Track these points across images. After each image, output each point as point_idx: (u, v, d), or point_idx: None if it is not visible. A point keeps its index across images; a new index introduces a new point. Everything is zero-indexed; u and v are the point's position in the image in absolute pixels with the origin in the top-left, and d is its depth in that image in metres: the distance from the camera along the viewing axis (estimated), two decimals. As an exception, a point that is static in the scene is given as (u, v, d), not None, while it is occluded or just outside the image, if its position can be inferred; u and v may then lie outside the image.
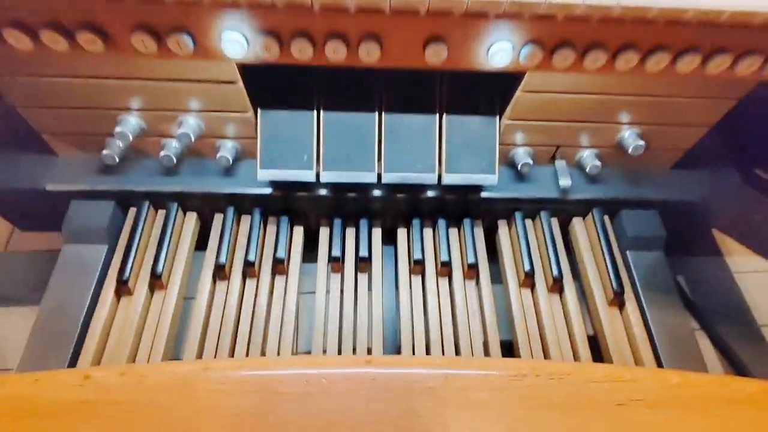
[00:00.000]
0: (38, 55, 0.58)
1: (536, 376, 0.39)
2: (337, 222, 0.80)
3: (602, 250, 0.78)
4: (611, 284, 0.75)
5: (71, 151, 0.75)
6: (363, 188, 0.76)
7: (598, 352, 0.75)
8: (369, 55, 0.54)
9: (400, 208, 0.81)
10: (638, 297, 0.76)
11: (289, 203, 0.79)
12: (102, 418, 0.35)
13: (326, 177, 0.69)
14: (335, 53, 0.54)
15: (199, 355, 0.69)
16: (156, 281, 0.72)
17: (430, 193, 0.77)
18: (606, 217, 0.82)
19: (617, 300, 0.75)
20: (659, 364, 0.70)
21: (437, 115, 0.69)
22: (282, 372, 0.39)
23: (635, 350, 0.72)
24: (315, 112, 0.68)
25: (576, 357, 0.72)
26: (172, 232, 0.76)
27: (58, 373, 0.37)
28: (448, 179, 0.70)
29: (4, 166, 0.71)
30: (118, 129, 0.67)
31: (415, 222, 0.80)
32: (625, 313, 0.75)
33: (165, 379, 0.37)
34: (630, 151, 0.71)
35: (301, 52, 0.54)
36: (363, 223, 0.80)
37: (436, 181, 0.70)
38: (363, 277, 0.77)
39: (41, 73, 0.61)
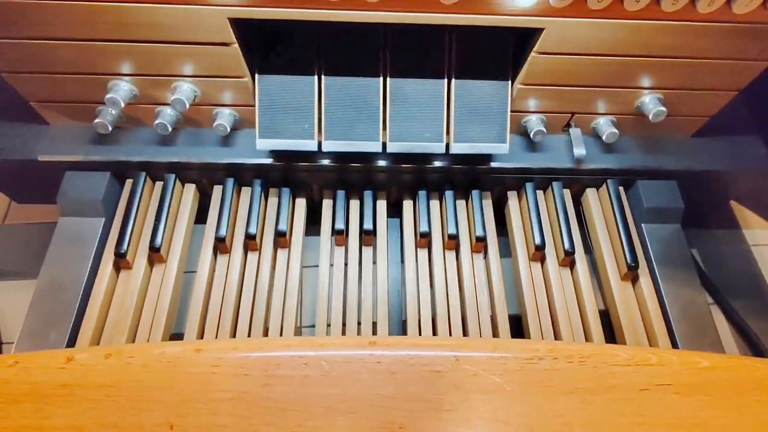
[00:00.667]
0: (19, 13, 0.54)
1: (553, 359, 0.37)
2: (341, 193, 0.78)
3: (616, 222, 0.75)
4: (625, 258, 0.72)
5: (62, 120, 0.72)
6: (367, 158, 0.73)
7: (610, 327, 0.73)
8: None
9: (405, 179, 0.78)
10: (653, 272, 0.73)
11: (290, 174, 0.76)
12: (86, 402, 0.33)
13: (328, 146, 0.66)
14: None
15: (201, 331, 0.68)
16: (155, 254, 0.70)
17: (437, 163, 0.74)
18: (621, 189, 0.79)
19: (631, 274, 0.73)
20: (673, 341, 0.68)
21: (445, 79, 0.66)
22: (279, 354, 0.36)
23: (648, 326, 0.70)
24: (316, 77, 0.65)
25: (587, 333, 0.70)
26: (170, 205, 0.73)
27: (39, 355, 0.35)
28: (457, 148, 0.67)
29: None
30: (108, 95, 0.64)
31: (422, 193, 0.78)
32: (639, 288, 0.73)
33: (153, 361, 0.35)
34: (651, 117, 0.67)
35: None
36: (367, 195, 0.78)
37: (443, 151, 0.67)
38: (368, 251, 0.75)
39: (24, 35, 0.57)
